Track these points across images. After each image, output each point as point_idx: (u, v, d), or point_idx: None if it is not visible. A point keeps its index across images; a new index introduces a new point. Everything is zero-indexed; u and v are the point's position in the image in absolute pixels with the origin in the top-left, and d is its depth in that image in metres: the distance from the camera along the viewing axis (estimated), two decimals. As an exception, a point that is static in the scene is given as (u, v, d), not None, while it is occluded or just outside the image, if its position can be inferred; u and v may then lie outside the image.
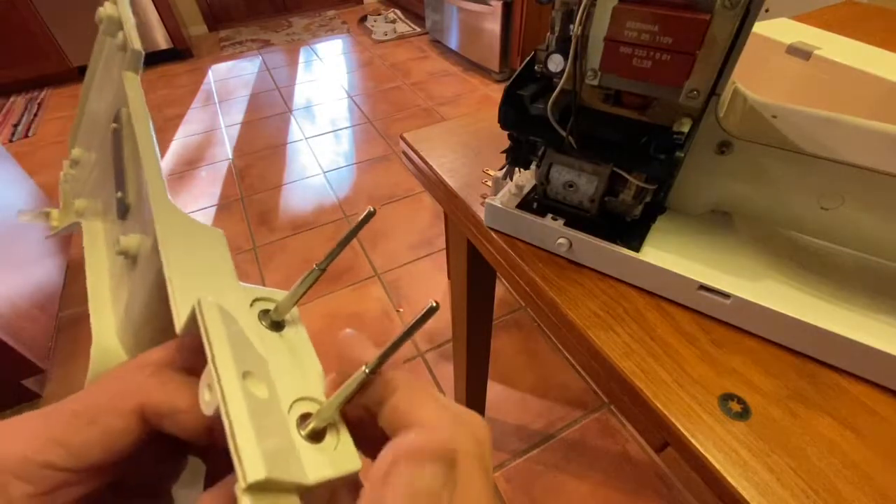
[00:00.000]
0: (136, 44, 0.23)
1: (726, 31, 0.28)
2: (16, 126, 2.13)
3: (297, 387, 0.16)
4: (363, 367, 0.15)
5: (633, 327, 0.37)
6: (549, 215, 0.42)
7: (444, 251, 1.44)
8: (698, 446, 0.30)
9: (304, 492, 0.13)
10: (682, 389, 0.33)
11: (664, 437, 0.33)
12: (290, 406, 0.15)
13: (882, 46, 0.55)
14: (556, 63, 0.34)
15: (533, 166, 0.43)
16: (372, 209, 0.22)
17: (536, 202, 0.44)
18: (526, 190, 0.45)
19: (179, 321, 0.14)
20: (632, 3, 0.28)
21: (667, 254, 0.38)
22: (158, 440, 0.15)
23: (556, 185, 0.41)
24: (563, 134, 0.35)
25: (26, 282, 1.18)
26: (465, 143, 0.61)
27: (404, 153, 0.64)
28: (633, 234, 0.40)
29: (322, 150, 1.98)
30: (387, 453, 0.14)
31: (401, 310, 1.31)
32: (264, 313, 0.19)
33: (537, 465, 0.95)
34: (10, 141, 2.04)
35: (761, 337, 0.36)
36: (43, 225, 0.30)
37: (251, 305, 0.19)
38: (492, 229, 0.47)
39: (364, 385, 0.15)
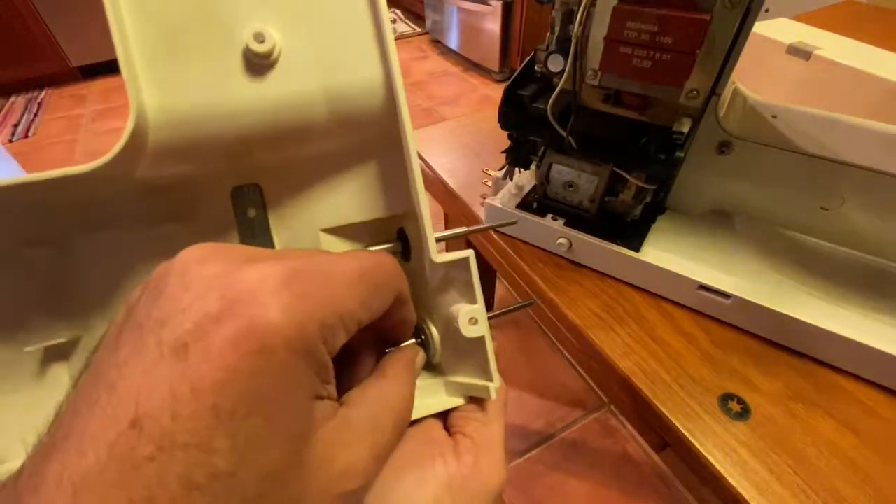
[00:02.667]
0: None
1: (726, 31, 0.28)
2: (16, 126, 2.13)
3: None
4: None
5: (633, 327, 0.37)
6: (549, 215, 0.42)
7: (444, 251, 1.44)
8: (698, 446, 0.30)
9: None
10: (682, 389, 0.33)
11: (664, 437, 0.33)
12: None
13: (882, 46, 0.55)
14: (556, 63, 0.34)
15: (533, 166, 0.43)
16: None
17: (536, 202, 0.44)
18: (526, 190, 0.45)
19: (439, 258, 0.17)
20: (632, 3, 0.28)
21: (667, 254, 0.38)
22: None
23: (556, 185, 0.41)
24: (563, 134, 0.35)
25: (26, 282, 1.18)
26: (465, 143, 0.61)
27: (404, 153, 0.64)
28: (633, 234, 0.40)
29: (322, 150, 1.98)
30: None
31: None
32: None
33: (537, 465, 0.95)
34: (10, 141, 2.03)
35: (761, 337, 0.36)
36: None
37: None
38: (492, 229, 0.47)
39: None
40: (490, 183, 0.48)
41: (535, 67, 0.37)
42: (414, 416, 0.17)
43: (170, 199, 0.18)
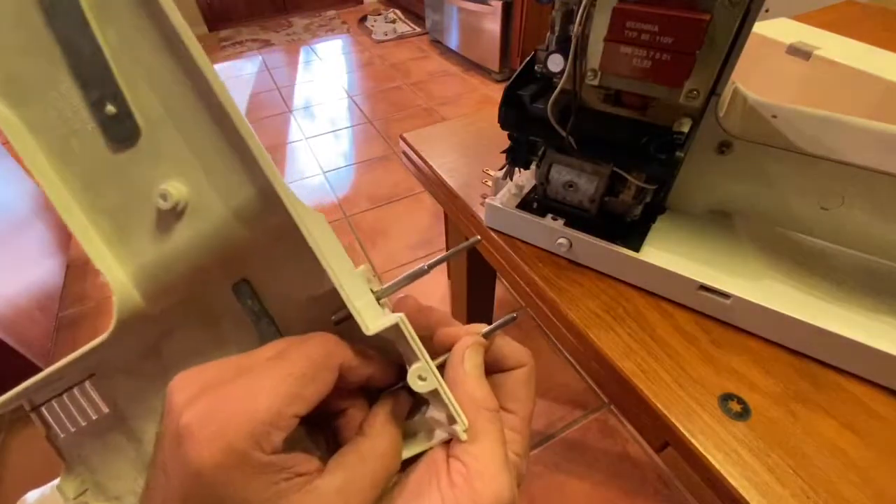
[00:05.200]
0: None
1: (726, 31, 0.28)
2: (16, 126, 2.13)
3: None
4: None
5: (633, 327, 0.37)
6: (549, 215, 0.42)
7: (444, 251, 1.44)
8: (698, 446, 0.30)
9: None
10: (682, 389, 0.33)
11: (664, 437, 0.33)
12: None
13: (882, 46, 0.55)
14: (556, 63, 0.34)
15: (533, 166, 0.43)
16: (479, 238, 0.25)
17: (536, 202, 0.44)
18: (526, 190, 0.45)
19: (372, 327, 0.18)
20: (632, 3, 0.28)
21: (667, 254, 0.38)
22: None
23: (556, 185, 0.41)
24: (563, 134, 0.35)
25: (26, 282, 1.18)
26: (465, 143, 0.61)
27: (404, 153, 0.64)
28: (633, 234, 0.40)
29: (322, 150, 1.98)
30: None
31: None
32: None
33: (537, 465, 0.95)
34: (10, 141, 2.03)
35: (761, 337, 0.36)
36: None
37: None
38: (492, 229, 0.47)
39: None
40: (490, 183, 0.48)
41: (535, 67, 0.37)
42: (411, 454, 0.20)
43: (196, 310, 0.23)
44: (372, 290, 0.21)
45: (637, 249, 0.39)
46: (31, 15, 0.17)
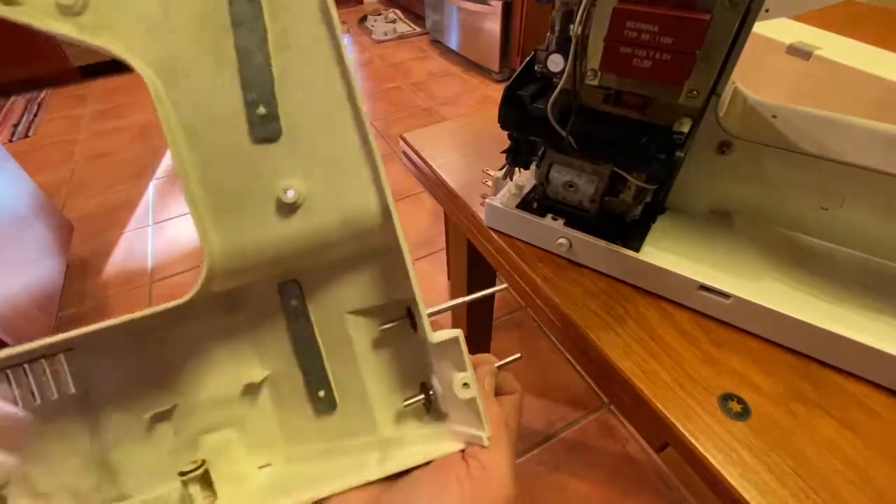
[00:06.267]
0: None
1: (726, 31, 0.28)
2: (16, 126, 2.13)
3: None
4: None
5: (633, 327, 0.37)
6: (549, 215, 0.42)
7: (444, 251, 1.44)
8: (698, 446, 0.30)
9: None
10: (682, 389, 0.33)
11: (664, 437, 0.33)
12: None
13: (882, 46, 0.54)
14: (556, 63, 0.34)
15: (533, 166, 0.43)
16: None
17: (536, 202, 0.44)
18: (526, 190, 0.45)
19: (436, 337, 0.21)
20: (632, 3, 0.28)
21: (667, 254, 0.38)
22: None
23: (556, 185, 0.41)
24: (563, 134, 0.35)
25: (26, 282, 1.18)
26: (465, 143, 0.61)
27: (404, 153, 0.64)
28: (633, 234, 0.40)
29: (322, 150, 1.98)
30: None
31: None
32: None
33: (537, 465, 0.95)
34: (10, 141, 2.03)
35: (761, 337, 0.36)
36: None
37: None
38: (492, 229, 0.47)
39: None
40: (490, 183, 0.48)
41: (535, 67, 0.37)
42: (425, 460, 0.22)
43: (234, 297, 0.24)
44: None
45: (637, 249, 0.39)
46: (219, 18, 0.19)
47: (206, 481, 0.25)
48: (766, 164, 0.36)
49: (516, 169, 0.45)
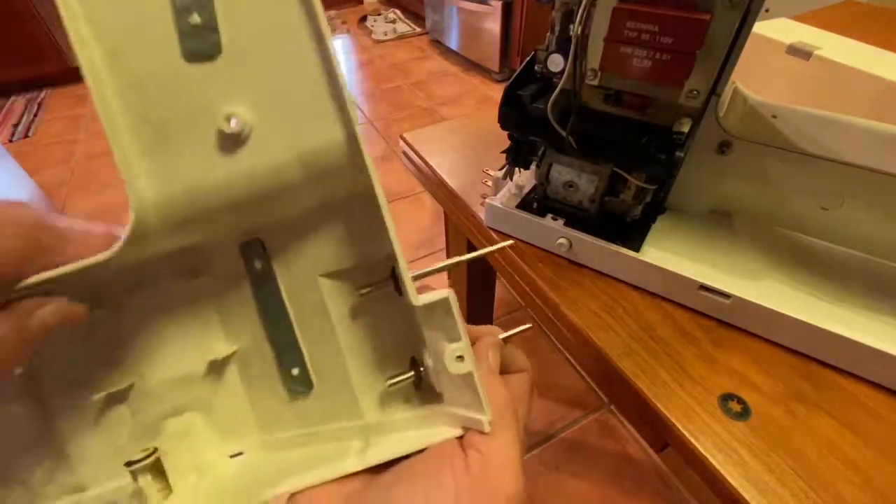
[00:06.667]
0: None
1: (726, 31, 0.28)
2: (16, 126, 2.13)
3: None
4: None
5: (633, 327, 0.37)
6: (549, 215, 0.42)
7: (445, 251, 1.44)
8: (698, 446, 0.30)
9: None
10: (682, 389, 0.33)
11: (664, 437, 0.33)
12: None
13: (882, 46, 0.54)
14: (556, 63, 0.34)
15: (533, 166, 0.43)
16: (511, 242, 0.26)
17: (536, 202, 0.44)
18: (526, 190, 0.45)
19: (420, 299, 0.17)
20: (632, 3, 0.28)
21: (667, 254, 0.38)
22: None
23: (556, 185, 0.41)
24: (563, 134, 0.35)
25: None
26: (465, 143, 0.61)
27: (404, 153, 0.64)
28: (633, 234, 0.40)
29: (322, 150, 1.98)
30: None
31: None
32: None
33: (537, 465, 0.95)
34: (10, 141, 2.03)
35: (761, 337, 0.36)
36: None
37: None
38: (492, 229, 0.47)
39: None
40: (490, 183, 0.48)
41: (535, 67, 0.37)
42: (414, 449, 0.19)
43: (192, 259, 0.21)
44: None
45: (637, 249, 0.39)
46: None
47: (160, 472, 0.22)
48: (766, 164, 0.36)
49: (516, 169, 0.45)
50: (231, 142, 0.17)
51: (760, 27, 0.35)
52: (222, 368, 0.24)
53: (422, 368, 0.22)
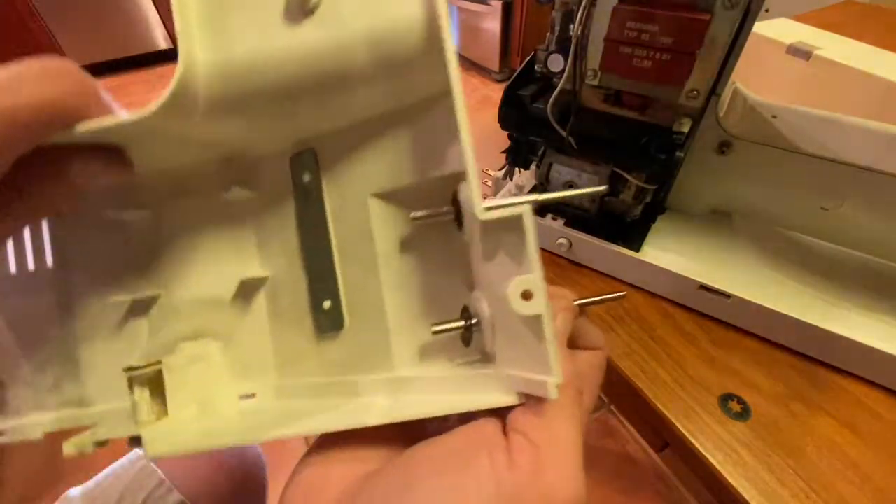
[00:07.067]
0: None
1: (726, 31, 0.28)
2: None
3: None
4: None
5: (633, 327, 0.37)
6: (549, 215, 0.42)
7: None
8: (698, 446, 0.30)
9: None
10: (682, 389, 0.33)
11: (664, 437, 0.33)
12: None
13: (882, 46, 0.54)
14: (556, 63, 0.34)
15: (533, 166, 0.43)
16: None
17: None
18: (526, 190, 0.45)
19: (488, 212, 0.14)
20: (632, 3, 0.28)
21: (667, 254, 0.38)
22: None
23: (556, 185, 0.41)
24: (563, 134, 0.35)
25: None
26: (465, 143, 0.61)
27: (404, 153, 0.64)
28: (633, 234, 0.40)
29: (322, 150, 1.98)
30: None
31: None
32: None
33: (537, 465, 0.95)
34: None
35: (761, 337, 0.36)
36: None
37: None
38: (492, 229, 0.47)
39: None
40: (490, 183, 0.48)
41: (535, 67, 0.37)
42: (451, 412, 0.16)
43: (237, 166, 0.20)
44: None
45: (637, 249, 0.39)
46: None
47: (160, 394, 0.20)
48: (766, 164, 0.36)
49: (516, 169, 0.45)
50: (298, 8, 0.16)
51: (760, 27, 0.35)
52: (251, 296, 0.22)
53: (474, 321, 0.18)
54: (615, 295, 0.21)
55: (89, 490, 0.40)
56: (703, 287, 0.36)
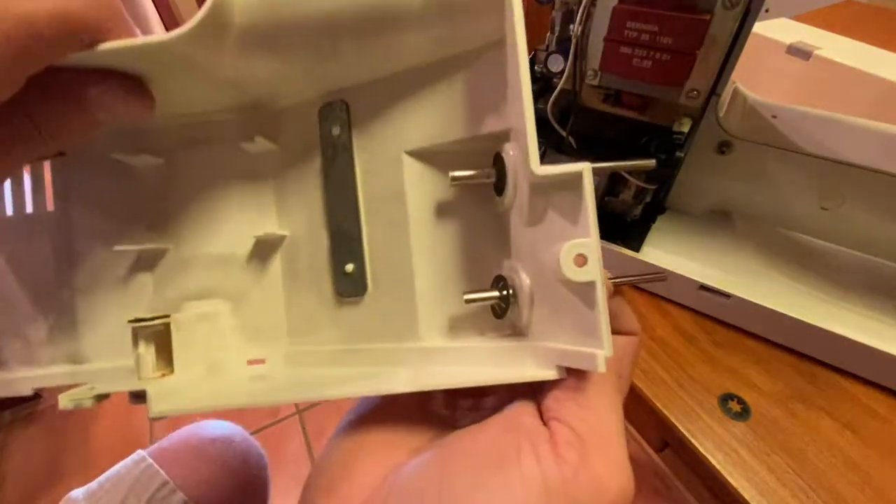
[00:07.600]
0: None
1: (726, 31, 0.28)
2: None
3: None
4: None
5: (633, 327, 0.37)
6: (549, 215, 0.42)
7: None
8: (698, 446, 0.30)
9: None
10: (682, 389, 0.33)
11: (664, 437, 0.33)
12: None
13: (882, 46, 0.54)
14: (555, 63, 0.34)
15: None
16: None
17: (536, 202, 0.44)
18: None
19: (549, 170, 0.14)
20: (632, 3, 0.28)
21: (667, 254, 0.38)
22: None
23: (556, 185, 0.41)
24: (563, 134, 0.35)
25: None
26: (465, 143, 0.61)
27: (404, 153, 0.64)
28: (633, 234, 0.40)
29: (322, 150, 1.98)
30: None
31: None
32: None
33: (537, 464, 0.95)
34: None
35: (761, 337, 0.36)
36: None
37: None
38: (492, 229, 0.47)
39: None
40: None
41: (535, 67, 0.37)
42: (483, 383, 0.14)
43: (261, 115, 0.19)
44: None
45: (637, 249, 0.39)
46: None
47: (167, 352, 0.19)
48: (766, 164, 0.36)
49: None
50: None
51: (760, 27, 0.35)
52: (267, 256, 0.20)
53: (509, 291, 0.16)
54: (655, 274, 0.20)
55: (92, 491, 0.40)
56: (703, 287, 0.36)
